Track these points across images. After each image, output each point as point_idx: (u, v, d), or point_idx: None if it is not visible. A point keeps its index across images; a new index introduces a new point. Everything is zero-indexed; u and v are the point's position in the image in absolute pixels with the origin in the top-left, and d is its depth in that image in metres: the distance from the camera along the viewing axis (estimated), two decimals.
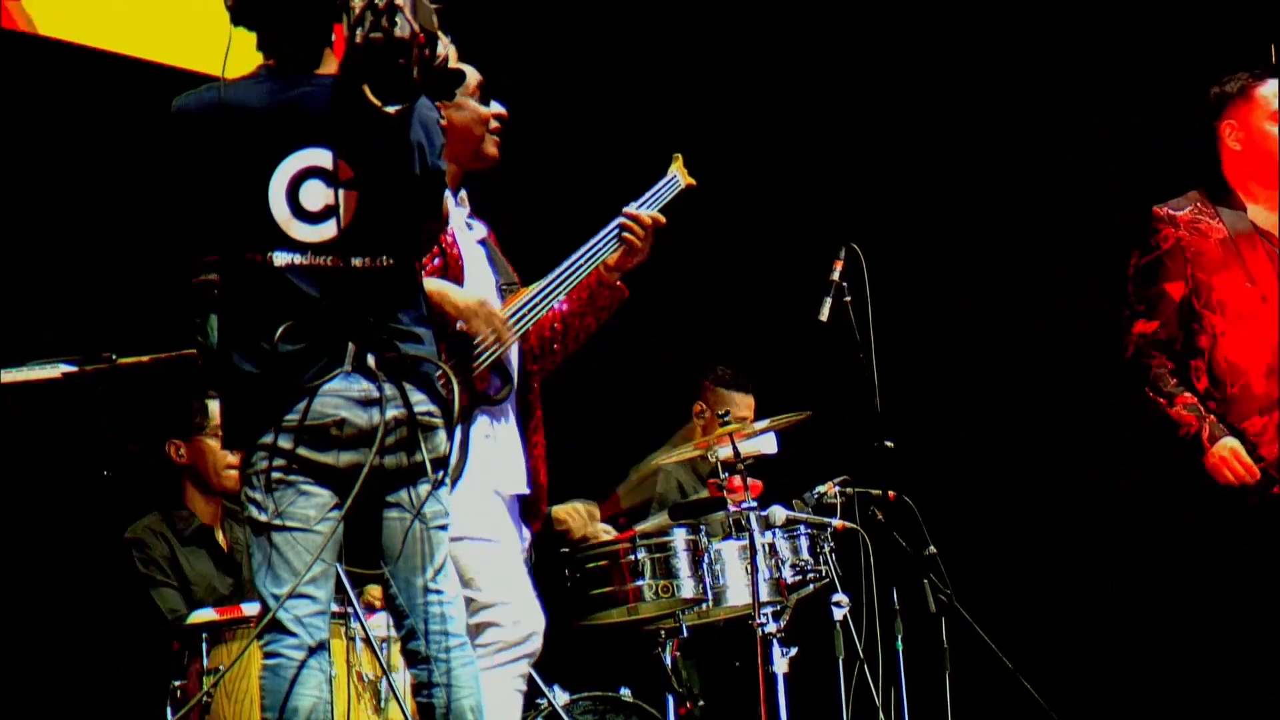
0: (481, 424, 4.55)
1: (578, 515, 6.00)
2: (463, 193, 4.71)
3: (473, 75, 4.60)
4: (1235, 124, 5.12)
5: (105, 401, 5.44)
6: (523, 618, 4.48)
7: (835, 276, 5.65)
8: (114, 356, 4.05)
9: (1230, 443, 4.99)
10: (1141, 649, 6.81)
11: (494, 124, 4.65)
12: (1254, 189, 5.13)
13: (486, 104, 4.65)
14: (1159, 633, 6.56)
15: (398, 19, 3.74)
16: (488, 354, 4.55)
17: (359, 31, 3.74)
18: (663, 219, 4.78)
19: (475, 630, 4.42)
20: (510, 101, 4.71)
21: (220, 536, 5.68)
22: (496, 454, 4.56)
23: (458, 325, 4.46)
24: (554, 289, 4.64)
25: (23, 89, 5.80)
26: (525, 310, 4.60)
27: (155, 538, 5.56)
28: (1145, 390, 5.08)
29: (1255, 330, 5.02)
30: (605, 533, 5.95)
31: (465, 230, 4.68)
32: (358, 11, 3.74)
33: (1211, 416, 5.00)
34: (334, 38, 3.81)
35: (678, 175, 4.89)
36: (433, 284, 4.38)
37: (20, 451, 5.39)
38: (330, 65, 3.88)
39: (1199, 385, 5.05)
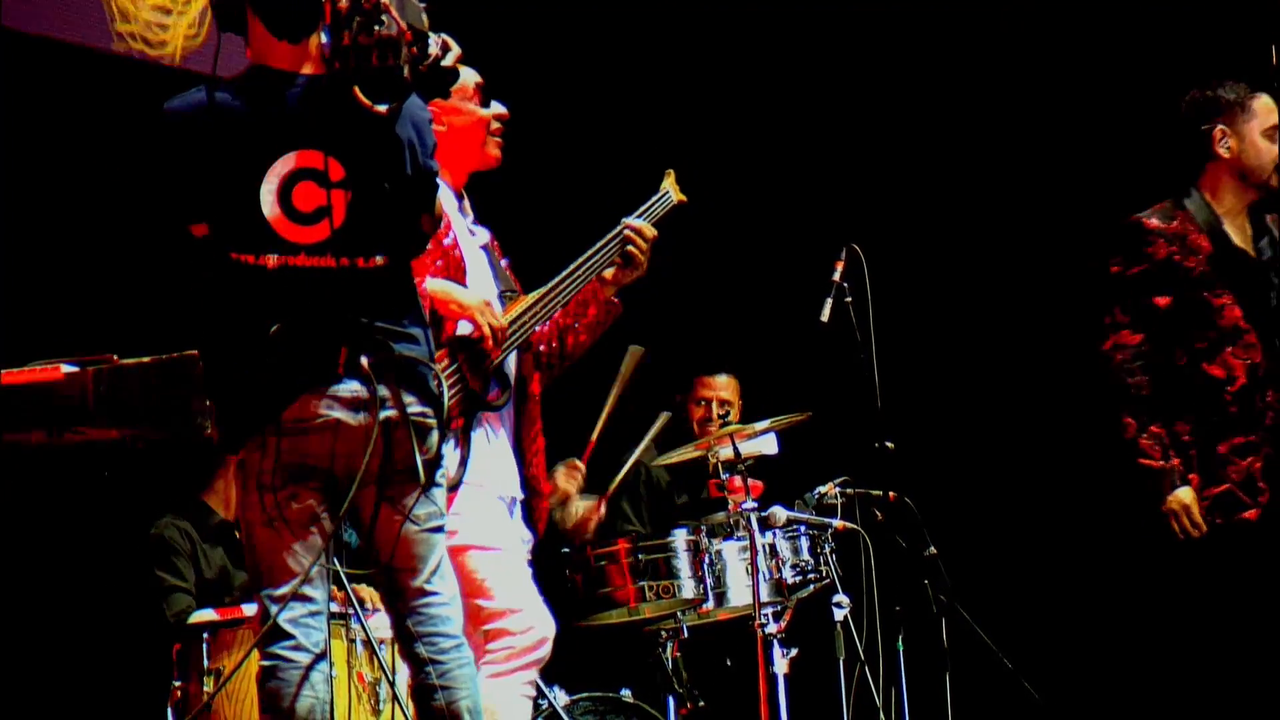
0: (480, 429, 4.54)
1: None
2: (465, 200, 4.70)
3: (471, 77, 4.57)
4: (1228, 130, 5.08)
5: (106, 402, 5.44)
6: (534, 624, 4.47)
7: (836, 277, 5.65)
8: (115, 356, 4.02)
9: (1185, 495, 4.99)
10: (1141, 649, 6.80)
11: (494, 125, 4.64)
12: (1226, 198, 5.09)
13: (486, 105, 4.64)
14: (1159, 633, 6.55)
15: (384, 18, 3.74)
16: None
17: (347, 31, 3.73)
18: (655, 233, 4.78)
19: (487, 637, 4.41)
20: (507, 110, 4.70)
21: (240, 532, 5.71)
22: (494, 459, 4.55)
23: (459, 329, 4.44)
24: (553, 298, 4.62)
25: (23, 89, 5.81)
26: (524, 318, 4.58)
27: (180, 535, 5.61)
28: (1118, 406, 5.04)
29: (1236, 347, 4.98)
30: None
31: (468, 236, 4.67)
32: (345, 10, 3.73)
33: (1176, 460, 4.99)
34: (323, 39, 3.79)
35: (670, 191, 4.88)
36: (437, 284, 4.37)
37: (18, 451, 5.39)
38: (319, 66, 3.86)
39: (1178, 400, 5.00)
